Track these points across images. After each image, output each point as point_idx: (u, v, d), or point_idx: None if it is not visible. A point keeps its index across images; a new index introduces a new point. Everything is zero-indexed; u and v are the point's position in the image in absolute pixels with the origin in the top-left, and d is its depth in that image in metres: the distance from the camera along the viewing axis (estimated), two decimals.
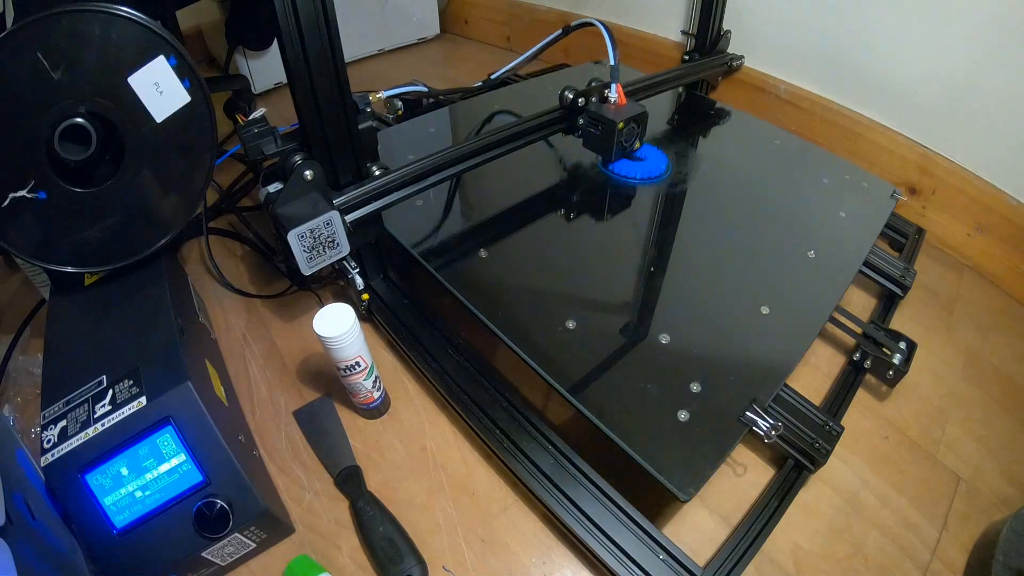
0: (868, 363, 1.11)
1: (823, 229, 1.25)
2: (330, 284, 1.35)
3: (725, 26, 1.76)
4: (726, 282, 1.12)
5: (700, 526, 0.92)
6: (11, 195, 0.85)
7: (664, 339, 0.99)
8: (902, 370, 1.06)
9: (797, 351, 1.01)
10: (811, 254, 1.17)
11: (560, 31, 1.50)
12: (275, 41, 2.04)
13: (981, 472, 1.00)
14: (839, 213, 1.29)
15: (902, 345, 1.09)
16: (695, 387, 0.91)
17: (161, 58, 0.88)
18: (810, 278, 1.13)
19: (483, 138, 1.20)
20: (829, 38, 1.56)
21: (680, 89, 1.84)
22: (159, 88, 0.89)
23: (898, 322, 1.23)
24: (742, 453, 1.02)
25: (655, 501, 0.93)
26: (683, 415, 0.87)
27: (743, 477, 0.98)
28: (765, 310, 1.05)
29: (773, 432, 0.85)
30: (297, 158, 0.98)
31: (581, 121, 1.34)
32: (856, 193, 1.37)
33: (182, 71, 0.90)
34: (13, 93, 0.80)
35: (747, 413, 0.87)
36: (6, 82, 0.79)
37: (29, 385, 1.14)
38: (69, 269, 0.94)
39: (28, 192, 0.86)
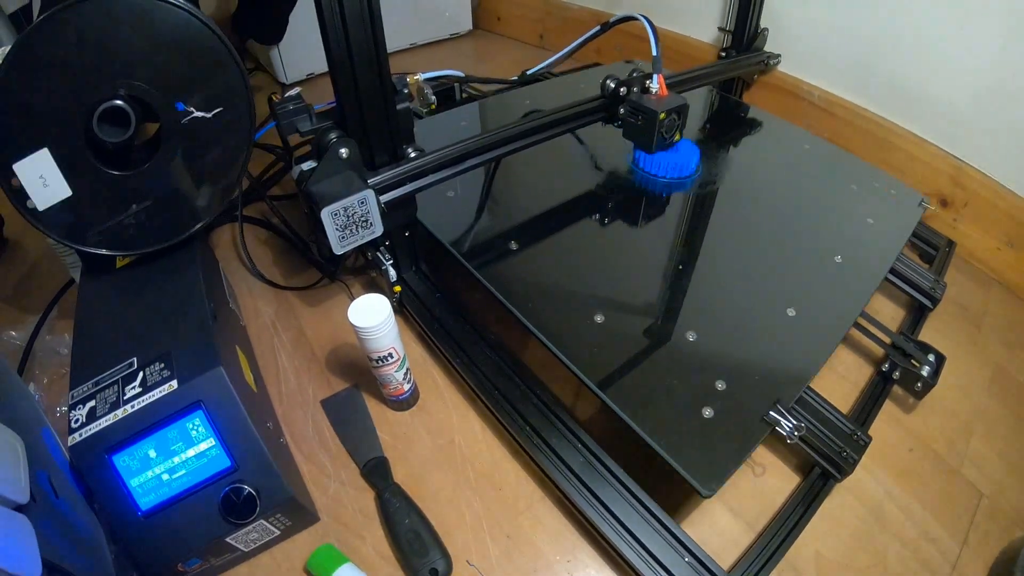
0: (896, 374, 1.10)
1: (851, 234, 1.25)
2: (360, 276, 1.35)
3: (762, 24, 1.76)
4: (753, 282, 1.13)
5: (725, 530, 0.92)
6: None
7: (691, 336, 1.00)
8: (930, 382, 1.06)
9: (822, 354, 1.01)
10: (838, 259, 1.17)
11: (598, 27, 1.49)
12: (302, 34, 2.05)
13: (1003, 489, 0.99)
14: (867, 219, 1.29)
15: (931, 357, 1.08)
16: (720, 385, 0.92)
17: (45, 151, 0.84)
18: (837, 282, 1.14)
19: (522, 123, 1.20)
20: (864, 45, 1.55)
21: (712, 92, 1.83)
22: (45, 182, 0.87)
23: (927, 334, 1.22)
24: (769, 458, 1.02)
25: (680, 501, 0.94)
26: (708, 412, 0.88)
27: (769, 483, 0.98)
28: (791, 312, 1.06)
29: (796, 433, 0.86)
30: (332, 136, 0.98)
31: (622, 111, 1.34)
32: (884, 200, 1.36)
33: (67, 168, 0.87)
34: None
35: (770, 413, 0.88)
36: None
37: (55, 365, 1.14)
38: (104, 252, 0.95)
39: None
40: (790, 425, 0.86)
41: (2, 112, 0.80)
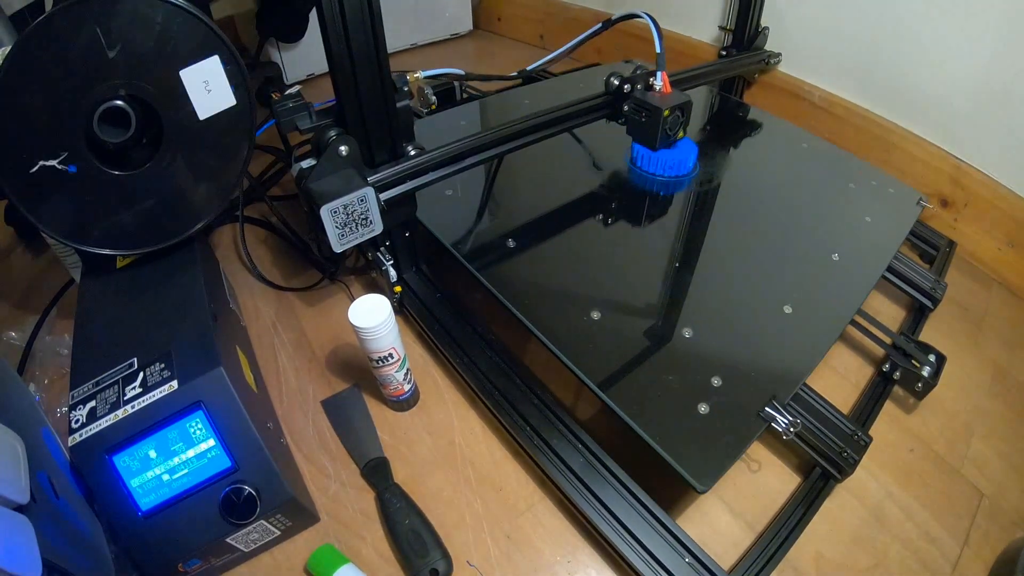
0: (897, 374, 1.10)
1: (848, 232, 1.25)
2: (361, 276, 1.35)
3: (763, 23, 1.76)
4: (750, 280, 1.13)
5: (726, 531, 0.92)
6: (41, 162, 0.85)
7: (687, 333, 1.01)
8: (931, 383, 1.06)
9: (818, 351, 1.01)
10: (835, 256, 1.18)
11: (600, 24, 1.50)
12: (306, 33, 2.06)
13: (1004, 489, 0.99)
14: (865, 218, 1.30)
15: (931, 358, 1.08)
16: (716, 381, 0.93)
17: (216, 58, 0.88)
18: (834, 280, 1.14)
19: (523, 121, 1.19)
20: (864, 45, 1.55)
21: (712, 92, 1.84)
22: (208, 87, 0.90)
23: (927, 335, 1.22)
24: (770, 459, 1.02)
25: (680, 502, 0.94)
26: (703, 408, 0.89)
27: (770, 484, 0.98)
28: (788, 309, 1.06)
29: (792, 429, 0.86)
30: (332, 133, 0.98)
31: (625, 108, 1.34)
32: (882, 199, 1.37)
33: (232, 76, 0.91)
34: (54, 74, 0.81)
35: (766, 409, 0.88)
36: (48, 62, 0.80)
37: (55, 365, 1.14)
38: (106, 251, 0.95)
39: (59, 163, 0.86)
40: (786, 421, 0.86)
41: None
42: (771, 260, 1.18)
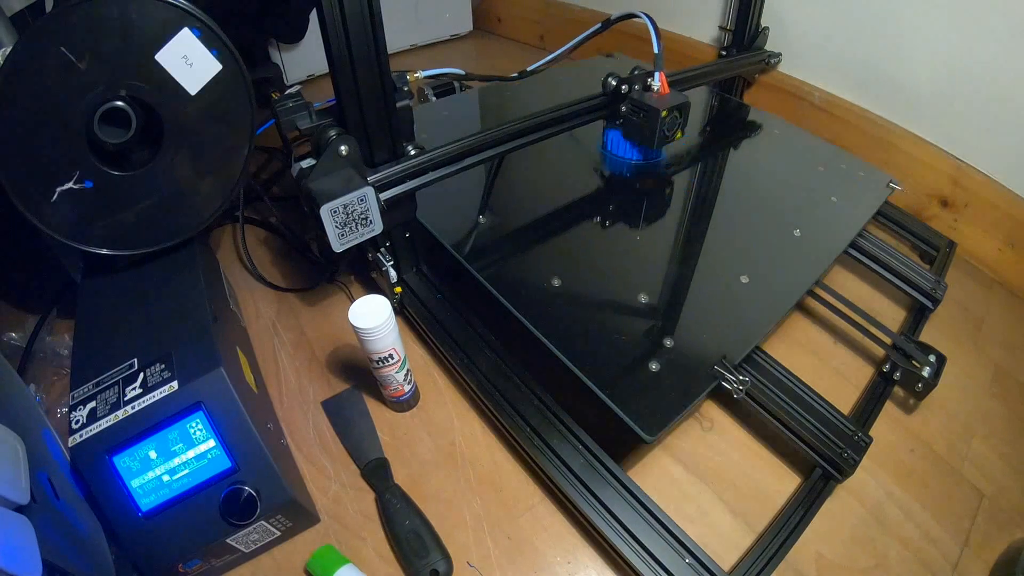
0: (897, 375, 1.10)
1: (812, 211, 1.31)
2: (361, 277, 1.35)
3: (763, 23, 1.76)
4: (711, 252, 1.19)
5: (726, 531, 0.92)
6: (59, 189, 0.86)
7: (643, 299, 1.06)
8: (931, 383, 1.06)
9: (771, 318, 1.08)
10: (796, 232, 1.23)
11: (600, 24, 1.50)
12: (306, 33, 2.06)
13: (1004, 490, 0.99)
14: (831, 198, 1.35)
15: (932, 358, 1.08)
16: (668, 342, 1.00)
17: (185, 30, 0.87)
18: (793, 254, 1.20)
19: (521, 122, 1.20)
20: (864, 46, 1.55)
21: (711, 92, 1.85)
22: (188, 60, 0.89)
23: (928, 335, 1.22)
24: (770, 459, 1.02)
25: (681, 502, 0.94)
26: (654, 366, 0.95)
27: (770, 484, 0.98)
28: (745, 279, 1.12)
29: (740, 388, 0.91)
30: (332, 133, 0.98)
31: (623, 108, 1.35)
32: (851, 181, 1.42)
33: (209, 41, 0.90)
34: (53, 77, 0.81)
35: (715, 367, 0.94)
36: (47, 66, 0.80)
37: (55, 366, 1.14)
38: (105, 251, 0.95)
39: (75, 183, 0.86)
40: (735, 380, 0.91)
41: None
42: (733, 234, 1.24)
